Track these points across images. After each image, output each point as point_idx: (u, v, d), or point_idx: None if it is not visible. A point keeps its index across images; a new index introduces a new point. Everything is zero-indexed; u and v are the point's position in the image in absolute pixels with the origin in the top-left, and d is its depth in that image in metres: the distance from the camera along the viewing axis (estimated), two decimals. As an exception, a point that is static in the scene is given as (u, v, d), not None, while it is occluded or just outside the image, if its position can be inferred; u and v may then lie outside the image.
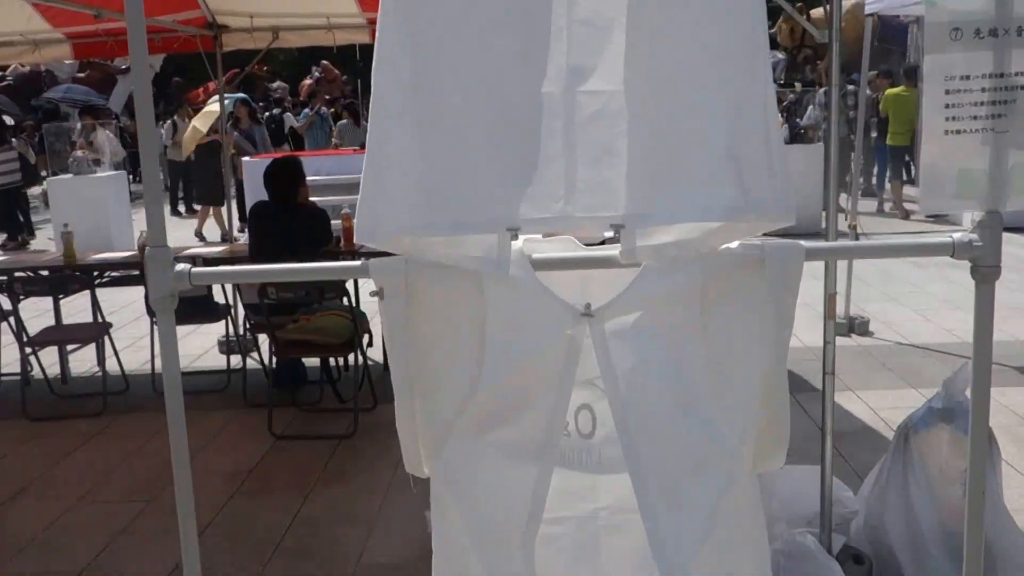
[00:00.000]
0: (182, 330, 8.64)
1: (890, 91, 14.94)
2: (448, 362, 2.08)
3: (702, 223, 1.92)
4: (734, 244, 1.95)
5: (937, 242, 2.03)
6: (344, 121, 18.25)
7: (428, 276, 2.04)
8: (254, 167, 12.30)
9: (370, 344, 7.09)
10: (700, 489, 1.99)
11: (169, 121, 18.09)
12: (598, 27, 1.93)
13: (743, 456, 1.98)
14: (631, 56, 1.91)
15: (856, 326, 8.11)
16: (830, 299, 3.69)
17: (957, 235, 1.97)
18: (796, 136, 14.08)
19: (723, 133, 1.85)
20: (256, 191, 8.27)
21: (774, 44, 28.16)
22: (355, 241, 2.04)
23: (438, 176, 1.96)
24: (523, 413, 2.06)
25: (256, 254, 6.69)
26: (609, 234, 1.99)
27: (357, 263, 2.12)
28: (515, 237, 2.00)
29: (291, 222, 6.63)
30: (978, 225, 1.96)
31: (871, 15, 8.62)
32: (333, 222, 6.92)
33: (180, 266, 2.15)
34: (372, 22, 8.63)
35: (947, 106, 2.01)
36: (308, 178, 7.13)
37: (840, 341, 7.98)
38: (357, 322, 6.22)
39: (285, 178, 6.78)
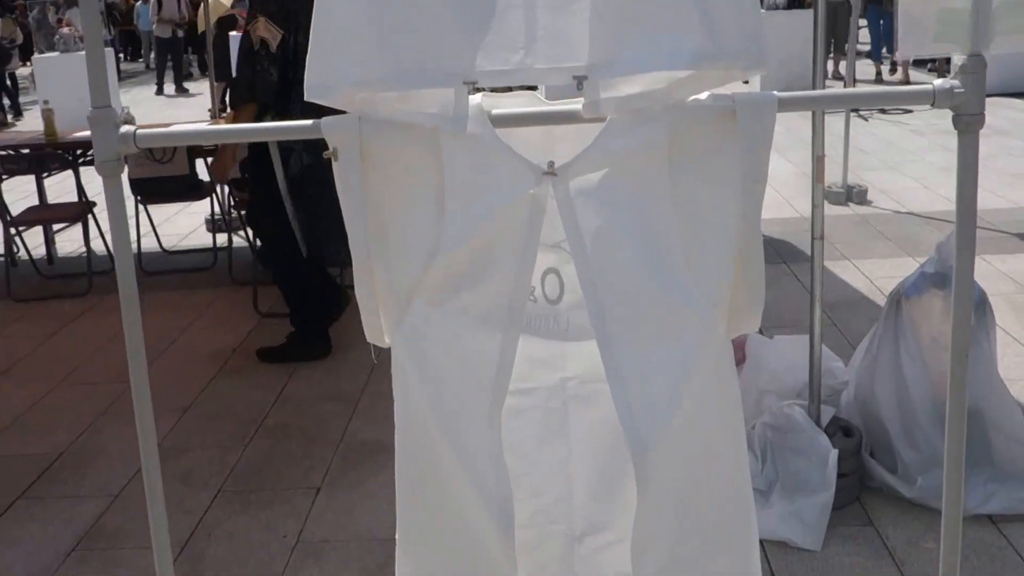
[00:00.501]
0: (169, 209, 8.58)
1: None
2: (406, 226, 1.96)
3: (669, 72, 1.78)
4: (704, 95, 1.81)
5: (916, 90, 1.86)
6: None
7: (383, 134, 1.90)
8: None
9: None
10: (671, 356, 1.88)
11: (154, -3, 17.69)
12: None
13: (716, 319, 1.87)
14: None
15: (854, 195, 7.97)
16: (818, 161, 3.56)
17: (938, 82, 1.80)
18: (794, 2, 13.63)
19: (690, -26, 1.71)
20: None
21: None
22: (306, 99, 1.90)
23: (391, 28, 1.82)
24: (486, 278, 1.94)
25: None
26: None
27: (308, 122, 1.98)
28: (473, 91, 1.86)
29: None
30: (960, 70, 1.80)
31: None
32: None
33: (125, 128, 2.01)
34: None
35: (935, -62, 1.84)
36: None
37: (838, 210, 7.91)
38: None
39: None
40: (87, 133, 6.83)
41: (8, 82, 17.83)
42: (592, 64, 1.78)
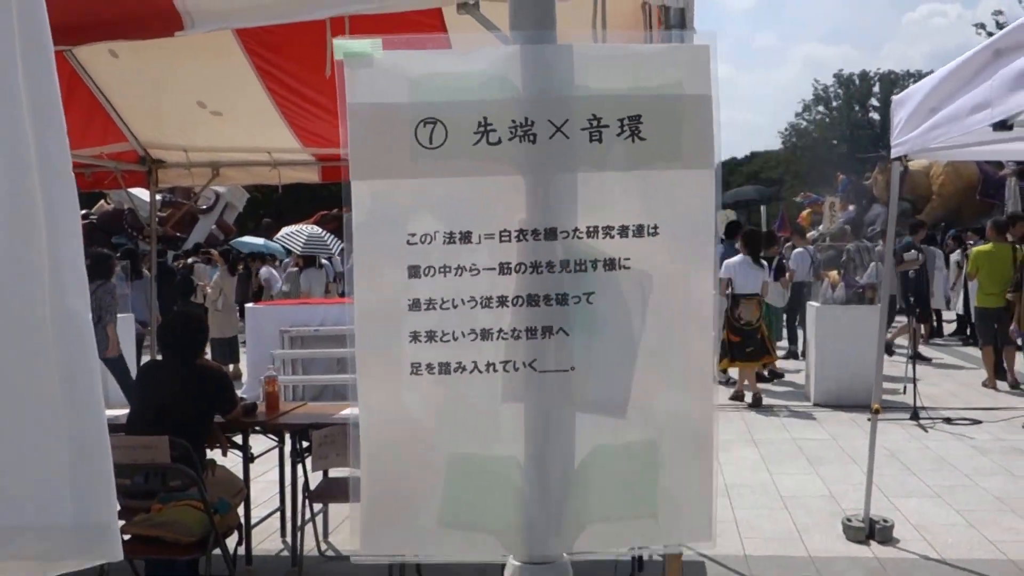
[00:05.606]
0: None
1: (980, 248, 13.11)
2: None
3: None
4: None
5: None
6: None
7: None
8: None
9: (240, 542, 5.76)
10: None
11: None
12: None
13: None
14: None
15: (876, 532, 6.47)
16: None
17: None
18: (853, 295, 12.29)
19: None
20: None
21: (871, 196, 26.70)
22: None
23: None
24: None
25: (135, 419, 5.49)
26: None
27: None
28: None
29: (185, 383, 5.44)
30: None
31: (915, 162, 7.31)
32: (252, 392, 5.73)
33: None
34: (319, 159, 7.76)
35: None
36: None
37: (854, 551, 6.35)
38: (212, 517, 4.95)
39: (185, 334, 5.64)
40: None
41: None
42: None
